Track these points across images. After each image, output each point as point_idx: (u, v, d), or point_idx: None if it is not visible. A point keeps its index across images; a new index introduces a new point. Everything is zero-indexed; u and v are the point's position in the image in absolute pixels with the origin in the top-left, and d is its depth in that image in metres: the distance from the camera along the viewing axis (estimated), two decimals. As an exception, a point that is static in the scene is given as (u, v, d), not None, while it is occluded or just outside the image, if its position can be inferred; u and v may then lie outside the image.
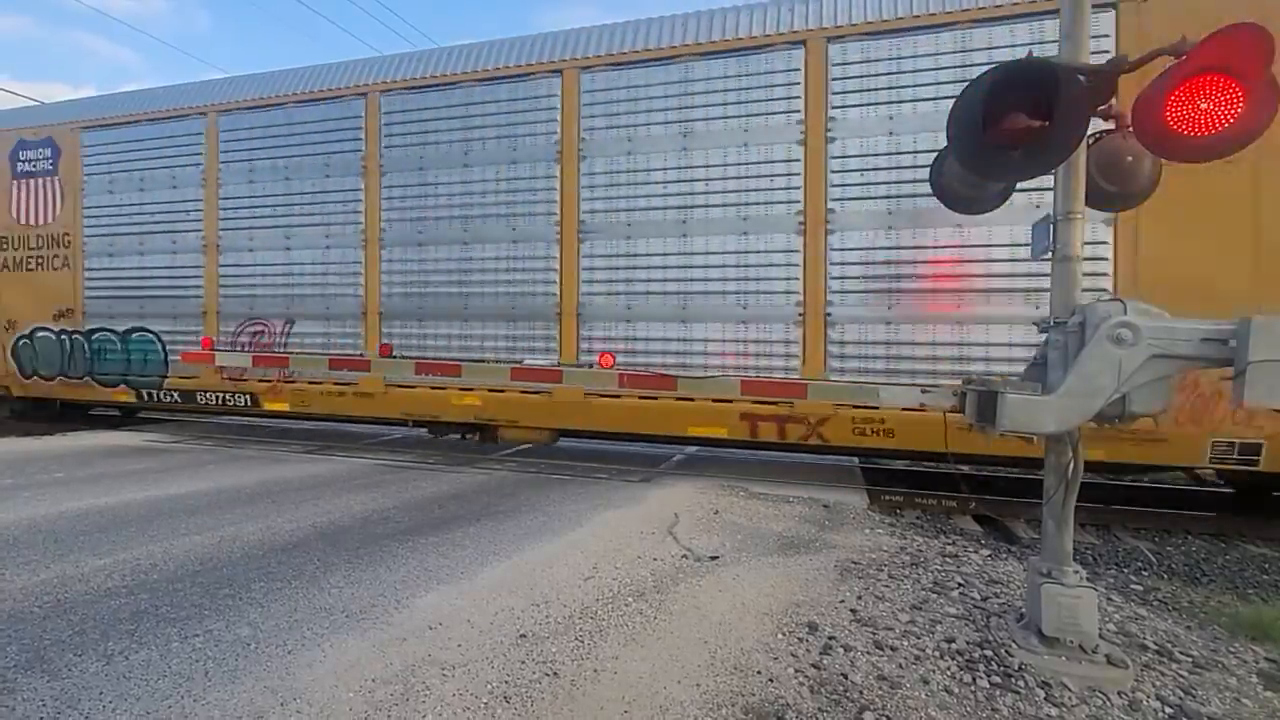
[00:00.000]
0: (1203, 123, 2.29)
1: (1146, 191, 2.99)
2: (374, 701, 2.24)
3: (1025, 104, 2.51)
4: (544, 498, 5.41)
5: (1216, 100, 2.26)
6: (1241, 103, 2.24)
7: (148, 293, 8.44)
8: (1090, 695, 2.45)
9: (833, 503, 5.52)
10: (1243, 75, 2.22)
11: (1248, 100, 2.23)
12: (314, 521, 4.52)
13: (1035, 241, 3.05)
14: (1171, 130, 2.32)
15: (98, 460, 6.78)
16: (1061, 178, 2.78)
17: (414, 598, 3.17)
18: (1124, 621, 3.22)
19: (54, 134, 8.85)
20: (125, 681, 2.33)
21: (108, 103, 8.92)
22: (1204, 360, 2.43)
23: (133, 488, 5.46)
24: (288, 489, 5.56)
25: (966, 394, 2.95)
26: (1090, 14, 2.73)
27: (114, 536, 4.06)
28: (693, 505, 5.23)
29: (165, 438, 8.56)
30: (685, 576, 3.60)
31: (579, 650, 2.68)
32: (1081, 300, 2.72)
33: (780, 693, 2.41)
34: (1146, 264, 5.07)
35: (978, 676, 2.56)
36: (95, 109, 8.89)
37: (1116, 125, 2.86)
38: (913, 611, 3.21)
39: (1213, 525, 5.61)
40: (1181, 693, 2.51)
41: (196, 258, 8.17)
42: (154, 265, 8.42)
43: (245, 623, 2.84)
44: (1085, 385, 2.50)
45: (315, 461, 7.04)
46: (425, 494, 5.49)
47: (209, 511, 4.73)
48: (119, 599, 3.08)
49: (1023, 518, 5.70)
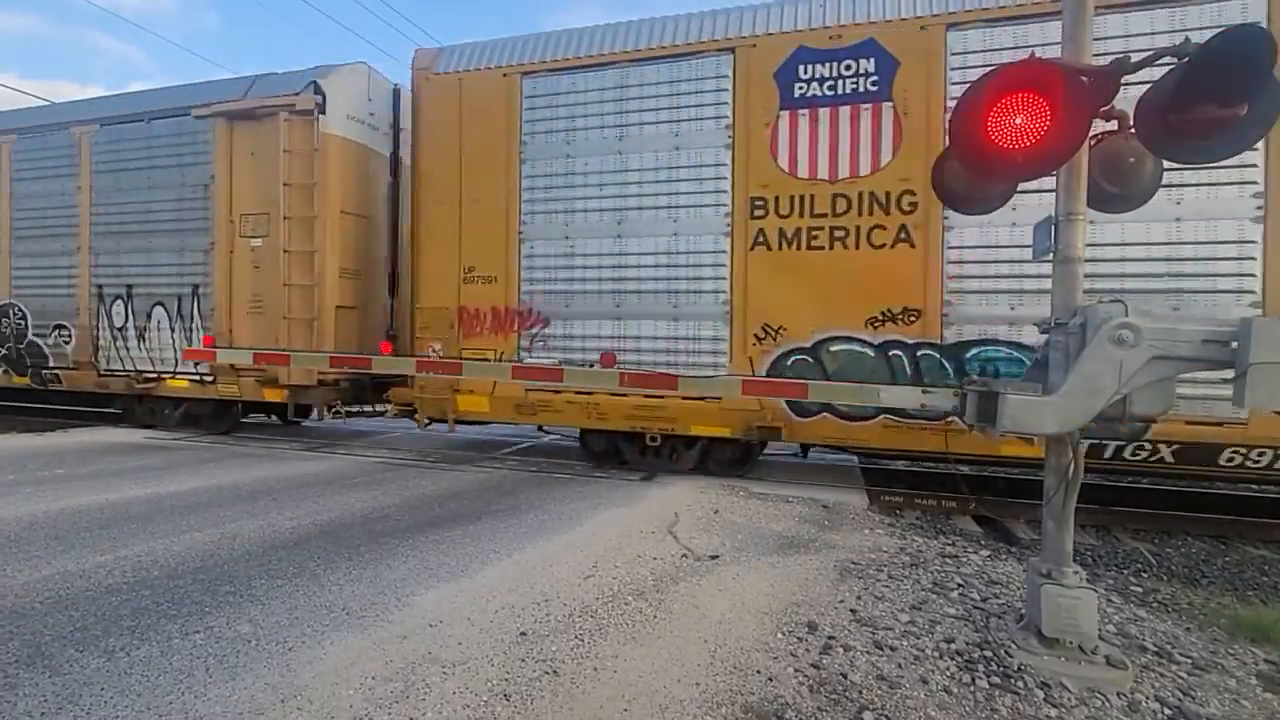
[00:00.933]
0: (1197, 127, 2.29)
1: (1149, 193, 2.99)
2: (374, 699, 2.24)
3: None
4: (544, 496, 5.41)
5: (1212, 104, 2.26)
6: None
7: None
8: (1089, 696, 2.45)
9: (832, 503, 5.52)
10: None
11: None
12: (315, 519, 4.53)
13: (1037, 242, 3.05)
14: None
15: (98, 457, 6.78)
16: (1063, 179, 2.78)
17: (414, 595, 3.17)
18: (1123, 623, 3.22)
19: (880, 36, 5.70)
20: (126, 677, 2.33)
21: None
22: (1206, 362, 2.43)
23: (134, 484, 5.47)
24: (288, 486, 5.57)
25: (967, 394, 2.95)
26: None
27: (115, 533, 4.07)
28: (693, 504, 5.23)
29: (165, 435, 8.56)
30: (685, 576, 3.60)
31: (579, 648, 2.68)
32: (1082, 301, 2.72)
33: (780, 692, 2.41)
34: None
35: (977, 677, 2.56)
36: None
37: (1119, 126, 2.86)
38: (912, 612, 3.21)
39: (1213, 527, 5.61)
40: (1181, 694, 2.51)
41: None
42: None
43: (246, 619, 2.84)
44: (1086, 386, 2.50)
45: (316, 459, 7.04)
46: (425, 492, 5.50)
47: (210, 508, 4.74)
48: (120, 595, 3.08)
49: (1022, 519, 5.70)
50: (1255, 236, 4.86)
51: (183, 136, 8.14)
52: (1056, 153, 2.49)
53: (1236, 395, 2.28)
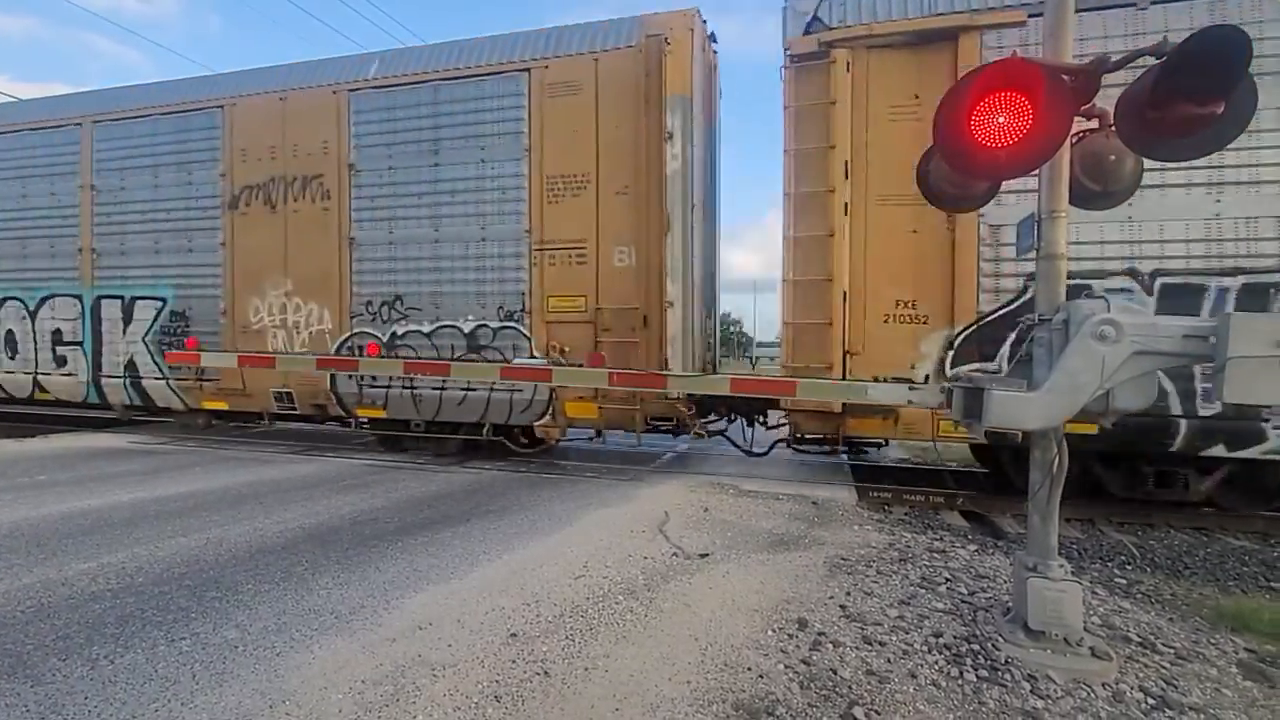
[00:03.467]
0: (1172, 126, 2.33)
1: (1129, 190, 3.03)
2: (364, 703, 2.23)
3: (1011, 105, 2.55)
4: (534, 497, 5.40)
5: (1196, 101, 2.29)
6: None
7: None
8: (1075, 687, 2.48)
9: (822, 500, 5.55)
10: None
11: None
12: (302, 523, 4.49)
13: (1020, 239, 3.08)
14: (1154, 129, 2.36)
15: (81, 463, 6.69)
16: (1045, 177, 2.81)
17: (404, 598, 3.15)
18: (1108, 614, 3.27)
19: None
20: (111, 686, 2.30)
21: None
22: (1186, 357, 2.46)
23: (117, 490, 5.39)
24: (275, 490, 5.52)
25: (952, 391, 2.98)
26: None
27: (98, 539, 4.02)
28: (683, 503, 5.24)
29: (149, 439, 8.46)
30: (676, 574, 3.61)
31: (570, 649, 2.68)
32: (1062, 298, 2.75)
33: (770, 688, 2.42)
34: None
35: (965, 670, 2.58)
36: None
37: (1100, 125, 2.89)
38: (901, 606, 3.23)
39: (1195, 519, 5.69)
40: (1164, 684, 2.55)
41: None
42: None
43: (233, 625, 2.82)
44: (1069, 382, 2.52)
45: (303, 462, 6.98)
46: (414, 494, 5.47)
47: (195, 513, 4.68)
48: (104, 603, 3.04)
49: (1009, 513, 5.76)
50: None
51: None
52: (1039, 151, 2.52)
53: (1215, 389, 2.32)
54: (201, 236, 8.08)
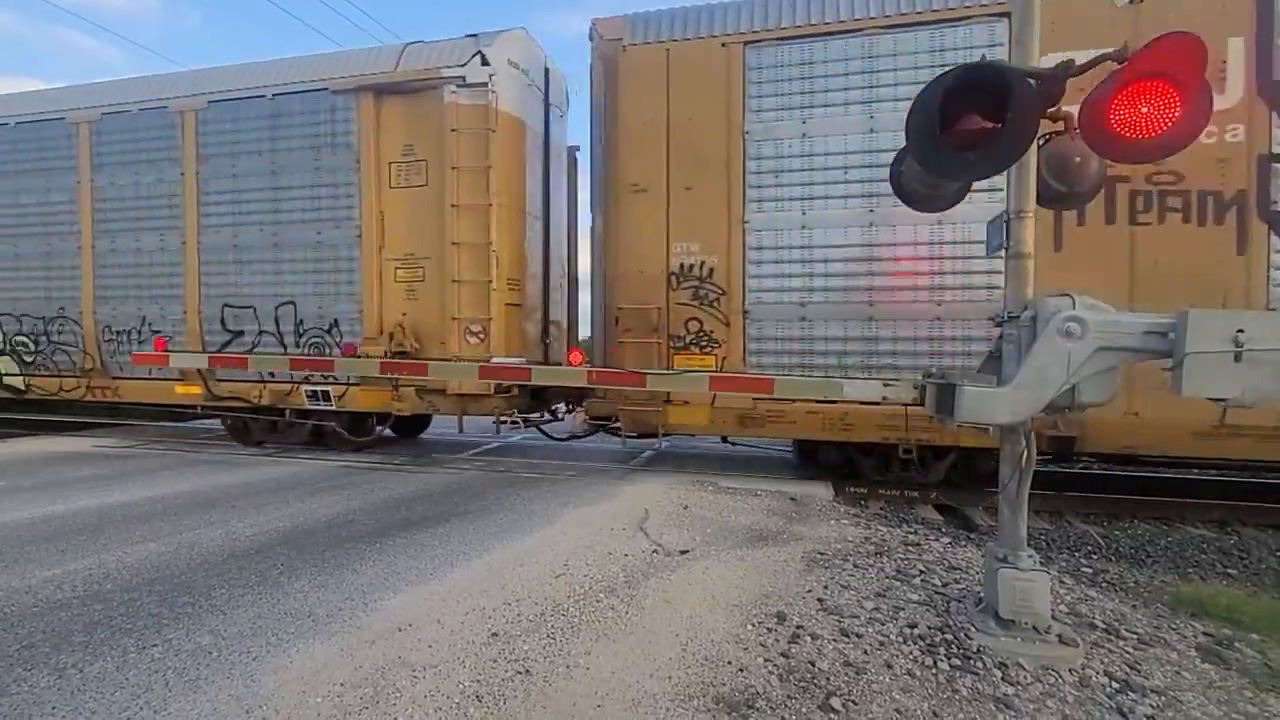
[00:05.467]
0: (1144, 126, 2.40)
1: (1094, 191, 3.12)
2: (343, 706, 2.21)
3: (981, 106, 2.61)
4: (514, 496, 5.38)
5: (1156, 105, 2.37)
6: (1179, 107, 2.36)
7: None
8: (1044, 673, 2.56)
9: (799, 495, 5.62)
10: (1180, 82, 2.34)
11: (1184, 105, 2.35)
12: (277, 525, 4.42)
13: (989, 239, 3.15)
14: (1115, 133, 2.43)
15: (43, 468, 6.48)
16: (1014, 178, 2.88)
17: (382, 600, 3.13)
18: (1075, 602, 3.37)
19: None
20: (79, 695, 2.25)
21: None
22: (1147, 352, 2.55)
23: (82, 495, 5.25)
24: (249, 493, 5.42)
25: (926, 387, 3.04)
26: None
27: (63, 546, 3.91)
28: (663, 500, 5.26)
29: (115, 443, 8.23)
30: (656, 571, 3.63)
31: (551, 647, 2.68)
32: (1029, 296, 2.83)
33: (750, 682, 2.45)
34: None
35: (939, 659, 2.65)
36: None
37: (1065, 127, 2.97)
38: (877, 599, 3.30)
39: (1158, 509, 5.89)
40: (1128, 668, 2.65)
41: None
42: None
43: (206, 630, 2.76)
44: (1037, 377, 2.60)
45: (278, 464, 6.86)
46: (392, 495, 5.41)
47: (165, 518, 4.58)
48: (70, 610, 2.96)
49: (981, 506, 5.90)
50: None
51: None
52: (1008, 152, 2.58)
53: (1174, 383, 2.41)
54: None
